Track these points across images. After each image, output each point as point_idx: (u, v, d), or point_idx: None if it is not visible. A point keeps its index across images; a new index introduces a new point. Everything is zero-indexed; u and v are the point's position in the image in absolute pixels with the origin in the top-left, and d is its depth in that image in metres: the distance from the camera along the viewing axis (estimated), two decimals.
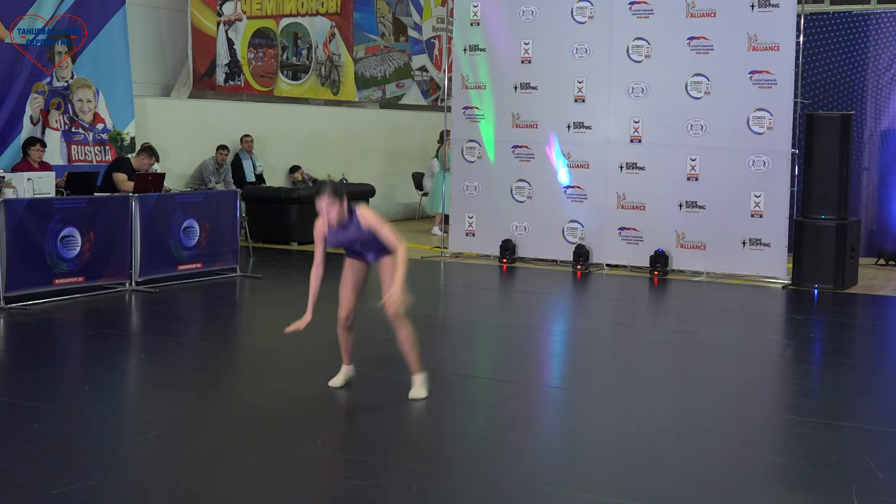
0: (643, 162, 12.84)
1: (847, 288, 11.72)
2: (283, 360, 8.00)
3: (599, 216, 13.08)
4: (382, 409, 6.61)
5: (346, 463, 5.48)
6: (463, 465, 5.65)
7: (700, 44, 12.44)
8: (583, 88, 13.16)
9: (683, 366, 8.22)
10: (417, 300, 11.51)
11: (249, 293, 11.22)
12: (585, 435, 6.27)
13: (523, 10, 13.46)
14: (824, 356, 8.76)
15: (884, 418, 6.66)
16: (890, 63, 13.58)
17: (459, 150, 13.98)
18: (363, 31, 18.52)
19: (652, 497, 5.10)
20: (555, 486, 5.29)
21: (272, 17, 17.05)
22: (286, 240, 14.92)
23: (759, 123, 12.14)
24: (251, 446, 5.74)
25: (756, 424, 6.54)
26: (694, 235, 12.57)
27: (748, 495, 5.15)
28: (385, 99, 19.31)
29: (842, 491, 5.15)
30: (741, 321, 10.36)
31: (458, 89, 14.00)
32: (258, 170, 15.87)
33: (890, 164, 13.68)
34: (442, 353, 8.60)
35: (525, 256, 13.53)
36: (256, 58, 16.76)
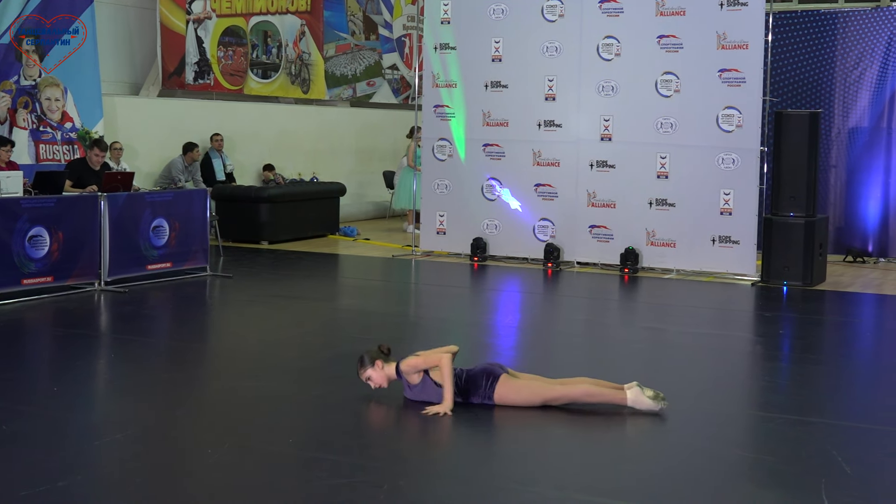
0: (613, 160, 12.88)
1: (815, 285, 11.80)
2: (254, 360, 7.97)
3: (570, 214, 13.11)
4: (354, 408, 6.60)
5: (318, 462, 5.46)
6: (435, 463, 5.65)
7: (669, 42, 12.50)
8: (553, 87, 13.19)
9: (653, 363, 8.25)
10: (388, 299, 11.53)
11: (220, 292, 11.17)
12: (556, 432, 6.28)
13: (494, 8, 13.46)
14: (793, 352, 8.82)
15: (852, 414, 6.71)
16: (857, 61, 13.68)
17: (430, 149, 13.97)
18: (333, 30, 18.48)
19: (622, 493, 5.12)
20: (526, 483, 5.30)
21: (242, 15, 16.99)
22: (257, 239, 14.87)
23: (729, 121, 12.20)
24: (222, 446, 5.72)
25: (726, 420, 6.57)
26: (664, 233, 12.62)
27: (718, 491, 5.18)
28: (356, 97, 19.29)
29: (811, 486, 5.19)
30: (711, 318, 10.41)
31: (428, 88, 13.99)
32: (228, 168, 15.81)
33: (857, 161, 13.78)
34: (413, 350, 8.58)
35: (496, 255, 13.55)
36: (226, 56, 16.70)
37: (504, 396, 6.47)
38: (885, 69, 13.51)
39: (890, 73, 13.50)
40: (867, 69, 13.62)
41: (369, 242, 15.47)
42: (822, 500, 4.99)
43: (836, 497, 5.03)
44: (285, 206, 15.18)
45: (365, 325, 9.48)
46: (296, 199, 15.45)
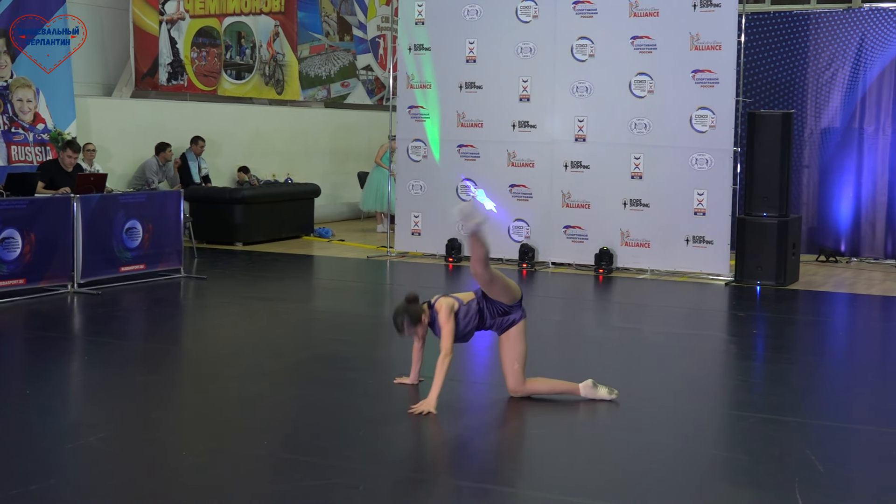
0: (588, 161, 12.91)
1: (789, 284, 11.86)
2: (228, 362, 7.95)
3: (544, 215, 13.13)
4: (328, 409, 6.59)
5: (293, 463, 5.45)
6: (409, 464, 5.65)
7: (643, 43, 12.54)
8: (527, 87, 13.21)
9: (628, 362, 8.27)
10: (363, 300, 11.51)
11: (194, 294, 11.13)
12: (531, 432, 6.29)
13: (468, 9, 13.47)
14: (767, 352, 8.86)
15: (825, 413, 6.75)
16: (829, 62, 13.77)
17: (405, 150, 13.96)
18: (307, 31, 18.44)
19: (598, 493, 5.13)
20: (501, 483, 5.31)
21: (215, 16, 16.94)
22: (231, 240, 14.82)
23: (702, 122, 12.25)
24: (196, 448, 5.70)
25: (700, 420, 6.60)
26: (638, 233, 12.66)
27: (693, 490, 5.20)
28: (330, 98, 19.25)
29: (784, 485, 5.22)
30: (685, 318, 10.45)
31: (403, 88, 13.99)
32: (203, 171, 15.74)
33: (830, 161, 13.86)
34: (388, 352, 8.59)
35: (471, 255, 13.52)
36: (199, 57, 16.64)
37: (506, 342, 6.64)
38: (857, 70, 13.60)
39: (862, 74, 13.59)
40: (839, 70, 13.70)
41: (344, 243, 15.45)
42: (796, 499, 5.02)
43: (809, 495, 5.06)
44: (260, 207, 15.14)
45: (340, 327, 9.47)
46: (270, 200, 15.41)
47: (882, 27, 13.43)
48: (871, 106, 13.60)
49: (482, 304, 6.71)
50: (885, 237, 13.61)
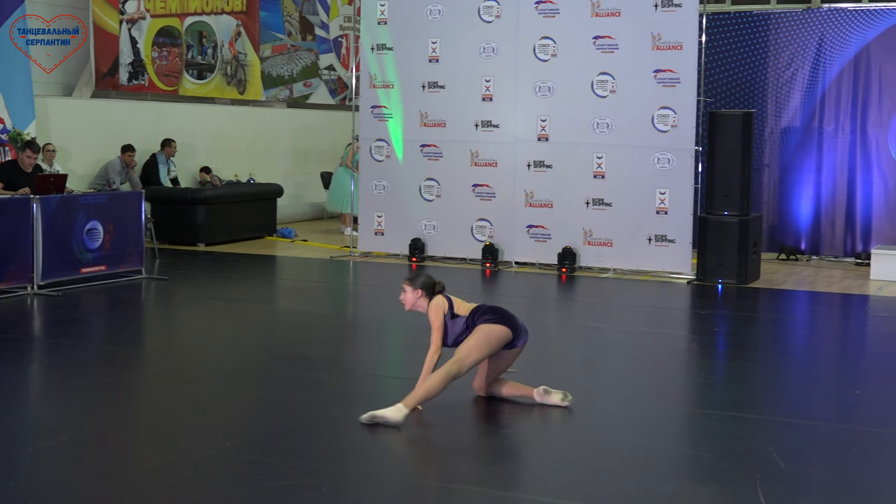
0: (550, 160, 12.94)
1: (750, 282, 11.95)
2: (190, 363, 7.91)
3: (508, 214, 13.15)
4: (292, 410, 6.57)
5: (257, 465, 5.43)
6: (375, 464, 5.64)
7: (605, 43, 12.58)
8: (490, 87, 13.23)
9: (591, 361, 8.31)
10: (326, 300, 11.48)
11: (155, 295, 11.06)
12: (496, 432, 6.30)
13: (430, 9, 13.47)
14: (728, 350, 8.93)
15: (786, 410, 6.80)
16: (789, 62, 13.87)
17: (368, 150, 13.94)
18: (269, 30, 18.37)
19: (563, 491, 5.15)
20: (466, 483, 5.31)
21: (176, 15, 16.84)
22: (193, 241, 14.73)
23: (664, 121, 12.32)
24: (159, 450, 5.66)
25: (663, 418, 6.64)
26: (601, 232, 12.71)
27: (657, 488, 5.23)
28: (292, 98, 19.19)
29: (746, 481, 5.25)
30: (648, 316, 10.50)
31: (365, 88, 13.97)
32: (172, 174, 15.62)
33: (790, 160, 13.97)
34: (352, 352, 8.58)
35: (434, 255, 13.55)
36: (160, 57, 16.55)
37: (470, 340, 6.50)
38: (817, 70, 13.71)
39: (821, 74, 13.70)
40: (799, 70, 13.81)
41: (307, 244, 15.40)
42: (758, 495, 5.06)
43: (770, 491, 5.10)
44: (222, 207, 15.06)
45: (303, 327, 9.44)
46: (232, 200, 15.34)
47: (841, 27, 13.55)
48: (830, 105, 13.72)
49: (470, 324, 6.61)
50: (845, 235, 13.74)
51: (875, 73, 13.43)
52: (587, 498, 5.06)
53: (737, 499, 5.06)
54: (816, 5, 16.47)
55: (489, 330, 6.48)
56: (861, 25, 13.46)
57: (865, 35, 13.45)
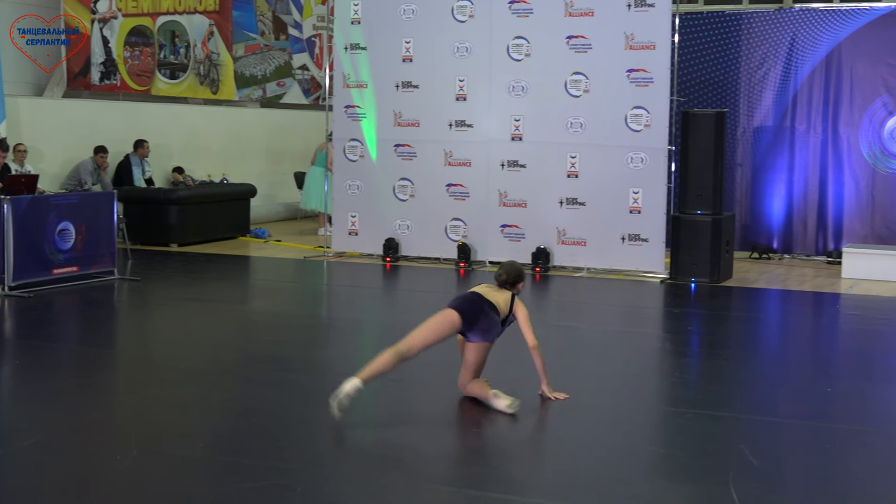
0: (524, 160, 12.95)
1: (723, 281, 12.00)
2: (163, 364, 7.87)
3: (482, 214, 13.16)
4: (266, 411, 6.55)
5: (231, 466, 5.41)
6: (349, 464, 5.63)
7: (578, 42, 12.61)
8: (464, 87, 13.23)
9: (565, 360, 8.32)
10: (300, 301, 11.46)
11: (128, 296, 11.00)
12: (469, 431, 6.30)
13: (404, 8, 13.46)
14: (702, 348, 8.96)
15: (758, 408, 6.84)
16: (761, 61, 13.94)
17: (341, 149, 13.91)
18: (242, 30, 18.31)
19: (537, 491, 5.15)
20: (440, 483, 5.31)
21: (148, 14, 16.76)
22: (166, 241, 14.65)
23: (637, 121, 12.36)
24: (132, 452, 5.63)
25: (637, 416, 6.66)
26: (574, 232, 12.73)
27: (631, 486, 5.24)
28: (266, 98, 19.13)
29: (719, 479, 5.28)
30: (621, 315, 10.53)
31: (339, 88, 13.93)
32: (147, 174, 15.54)
33: (762, 159, 14.04)
34: (326, 352, 8.56)
35: (408, 255, 13.54)
36: (133, 56, 16.46)
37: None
38: (789, 69, 13.79)
39: (793, 73, 13.78)
40: (771, 69, 13.88)
41: (280, 244, 15.36)
42: (730, 492, 5.08)
43: (743, 489, 5.12)
44: (195, 208, 14.99)
45: (277, 328, 9.41)
46: (205, 200, 15.27)
47: (812, 27, 13.64)
48: (802, 105, 13.80)
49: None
50: (817, 234, 13.82)
51: (846, 73, 13.52)
52: (562, 497, 5.07)
53: (710, 496, 5.09)
54: (788, 5, 16.56)
55: (438, 313, 6.53)
56: (832, 25, 13.55)
57: (837, 35, 13.54)
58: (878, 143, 13.41)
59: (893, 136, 13.34)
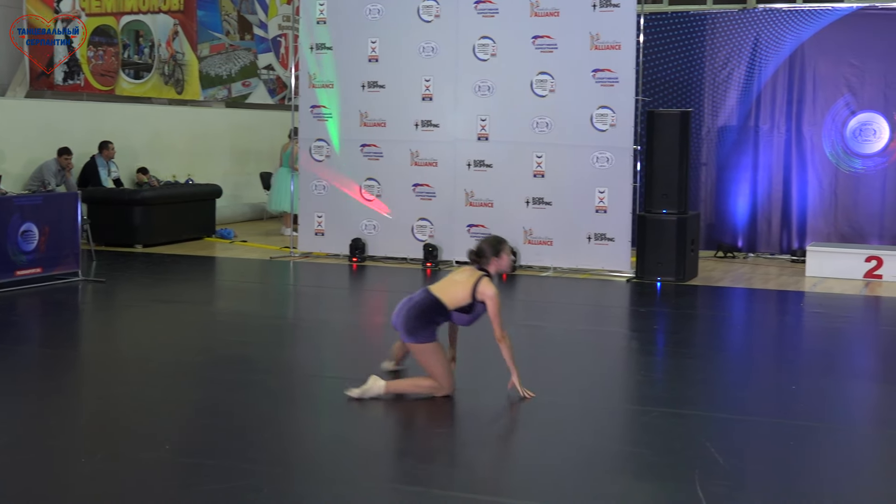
0: (490, 160, 12.97)
1: (688, 280, 12.06)
2: (128, 366, 7.82)
3: (448, 214, 13.16)
4: (231, 412, 6.52)
5: (196, 468, 5.38)
6: (315, 466, 5.62)
7: (544, 42, 12.64)
8: (430, 87, 13.22)
9: (532, 359, 8.32)
10: (266, 301, 11.41)
11: (92, 298, 10.92)
12: (438, 431, 6.30)
13: (370, 8, 13.43)
14: (667, 347, 9.00)
15: (723, 405, 6.87)
16: (725, 61, 14.02)
17: (308, 149, 13.87)
18: (207, 30, 18.23)
19: (505, 490, 5.16)
20: (408, 483, 5.30)
21: (112, 14, 16.65)
22: (131, 242, 14.56)
23: (602, 121, 12.40)
24: (96, 454, 5.59)
25: (604, 415, 6.68)
26: (541, 231, 12.76)
27: (598, 485, 5.26)
28: (231, 98, 19.05)
29: (685, 477, 5.30)
30: (587, 315, 10.56)
31: (305, 88, 13.89)
32: (114, 174, 15.43)
33: (727, 159, 14.12)
34: (293, 353, 8.54)
35: (375, 255, 13.52)
36: (97, 56, 16.34)
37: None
38: (752, 69, 13.88)
39: (756, 73, 13.87)
40: (735, 69, 13.97)
41: (246, 245, 15.30)
42: (696, 490, 5.10)
43: (708, 486, 5.15)
44: (160, 208, 14.90)
45: (243, 329, 9.37)
46: (170, 201, 15.19)
47: (776, 27, 13.73)
48: (766, 104, 13.89)
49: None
50: (781, 233, 13.92)
51: (809, 73, 13.62)
52: (529, 496, 5.08)
53: (676, 494, 5.11)
54: (752, 6, 16.68)
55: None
56: (795, 26, 13.65)
57: (800, 35, 13.64)
58: (840, 142, 13.52)
59: (856, 135, 13.46)
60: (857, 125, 13.44)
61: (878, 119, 13.34)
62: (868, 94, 13.39)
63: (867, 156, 13.45)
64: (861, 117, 13.41)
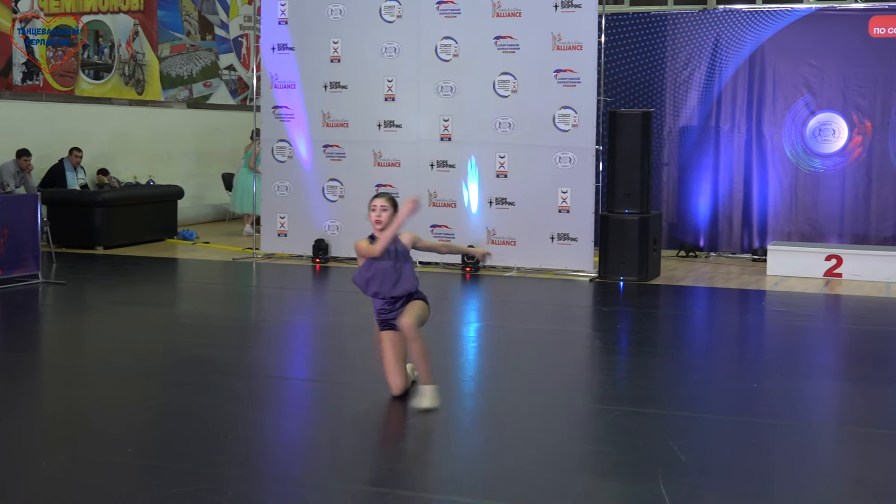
0: (453, 160, 12.97)
1: (651, 279, 12.13)
2: (89, 369, 7.76)
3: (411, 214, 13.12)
4: (195, 414, 6.48)
5: (159, 471, 5.35)
6: (280, 468, 5.59)
7: (506, 43, 12.66)
8: (393, 87, 13.21)
9: (495, 359, 8.35)
10: (229, 303, 11.36)
11: (53, 300, 10.83)
12: (400, 431, 6.29)
13: (332, 8, 13.40)
14: (630, 346, 9.04)
15: (686, 404, 6.91)
16: (686, 62, 14.11)
17: (270, 150, 13.82)
18: (168, 30, 18.12)
19: (471, 491, 5.16)
20: (373, 485, 5.29)
21: (72, 14, 16.51)
22: (91, 244, 14.45)
23: (565, 121, 12.43)
24: (58, 457, 5.54)
25: (568, 415, 6.70)
26: (504, 231, 12.78)
27: (562, 484, 5.27)
28: (192, 99, 18.95)
29: (649, 475, 5.32)
30: (551, 314, 10.59)
31: (266, 88, 13.85)
32: (81, 180, 15.30)
33: (688, 159, 14.21)
34: (256, 354, 8.49)
35: (338, 256, 13.49)
36: (56, 56, 16.20)
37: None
38: (713, 69, 13.97)
39: (717, 74, 13.97)
40: (696, 69, 14.06)
41: (209, 246, 15.22)
42: (660, 488, 5.13)
43: (672, 484, 5.18)
44: (121, 210, 14.80)
45: (205, 330, 9.32)
46: (132, 202, 15.08)
47: (736, 28, 13.83)
48: (726, 105, 13.99)
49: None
50: (742, 232, 14.02)
51: (769, 73, 13.73)
52: (493, 496, 5.08)
53: (640, 492, 5.13)
54: (712, 6, 16.78)
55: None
56: (755, 26, 13.76)
57: (760, 36, 13.75)
58: (800, 142, 13.64)
59: (815, 135, 13.59)
60: (816, 125, 13.57)
61: (838, 119, 13.47)
62: (827, 95, 13.52)
63: (827, 155, 13.58)
64: (820, 117, 13.54)
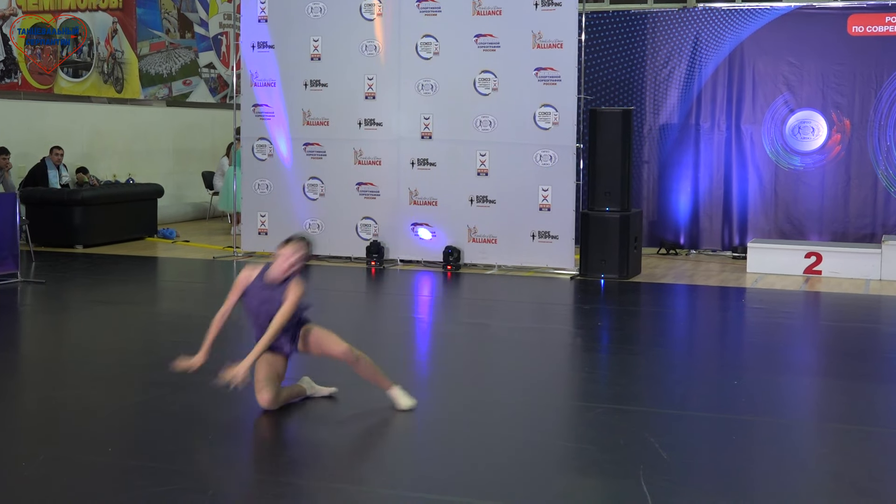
0: (434, 158, 12.97)
1: (631, 277, 12.15)
2: (70, 368, 7.72)
3: (392, 212, 13.14)
4: (175, 413, 6.46)
5: (139, 470, 5.33)
6: (260, 466, 5.59)
7: (487, 41, 12.66)
8: (373, 85, 13.19)
9: (477, 357, 8.34)
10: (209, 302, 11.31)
11: (32, 299, 10.77)
12: (383, 430, 6.29)
13: (312, 6, 13.38)
14: (611, 343, 9.05)
15: (667, 401, 6.93)
16: (666, 60, 14.14)
17: (250, 148, 13.79)
18: (147, 28, 18.05)
19: (449, 488, 5.16)
20: (354, 482, 5.29)
21: (50, 11, 16.42)
22: (71, 243, 14.38)
23: (545, 119, 12.44)
24: (37, 458, 5.51)
25: (549, 412, 6.71)
26: (485, 229, 12.79)
27: (543, 482, 5.27)
28: (172, 97, 18.88)
29: (630, 472, 5.33)
30: (532, 312, 10.60)
31: (246, 87, 13.81)
32: (64, 179, 15.22)
33: (668, 157, 14.24)
34: (237, 354, 8.46)
35: (319, 254, 13.46)
36: (34, 54, 16.12)
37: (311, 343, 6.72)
38: (693, 68, 14.01)
39: (697, 72, 14.00)
40: (676, 68, 14.09)
41: (189, 244, 15.17)
42: (641, 485, 5.14)
43: (653, 481, 5.19)
44: (100, 208, 14.74)
45: (185, 329, 9.28)
46: (111, 201, 15.02)
47: (715, 26, 13.87)
48: (706, 103, 14.03)
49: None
50: (722, 229, 14.07)
51: (749, 71, 13.78)
52: (474, 494, 5.08)
53: (621, 490, 5.14)
54: (692, 5, 16.82)
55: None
56: (735, 25, 13.80)
57: (739, 34, 13.79)
58: (780, 139, 13.69)
59: (795, 133, 13.64)
60: (796, 123, 13.62)
61: (817, 117, 13.53)
62: (806, 93, 13.58)
63: (806, 153, 13.63)
64: (800, 115, 13.60)
